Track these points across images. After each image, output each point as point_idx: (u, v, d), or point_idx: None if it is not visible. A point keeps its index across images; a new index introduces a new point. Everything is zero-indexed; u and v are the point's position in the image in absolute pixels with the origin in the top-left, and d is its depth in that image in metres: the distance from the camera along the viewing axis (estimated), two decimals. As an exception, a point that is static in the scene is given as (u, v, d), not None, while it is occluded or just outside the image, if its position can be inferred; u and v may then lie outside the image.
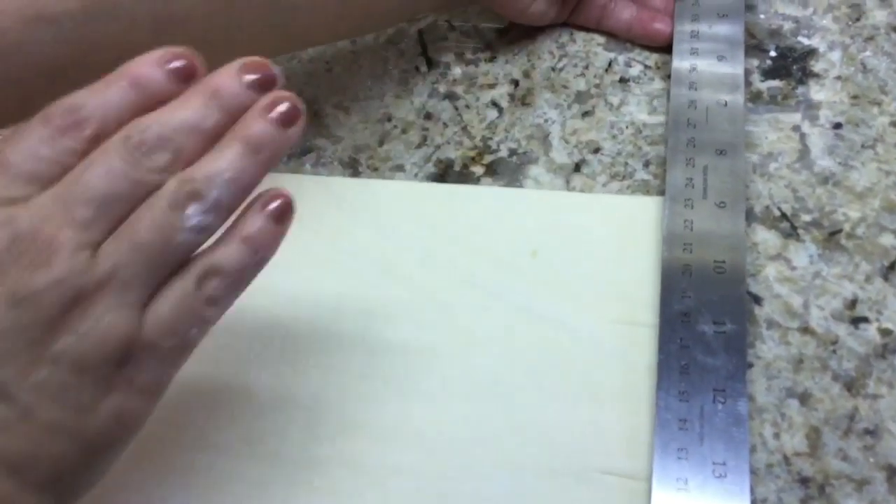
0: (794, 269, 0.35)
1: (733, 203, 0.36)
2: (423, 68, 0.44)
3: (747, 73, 0.41)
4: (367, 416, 0.33)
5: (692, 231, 0.35)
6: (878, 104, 0.40)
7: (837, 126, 0.39)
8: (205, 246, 0.25)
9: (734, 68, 0.40)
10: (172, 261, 0.24)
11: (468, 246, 0.37)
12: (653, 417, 0.32)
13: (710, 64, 0.40)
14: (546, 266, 0.37)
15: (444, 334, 0.35)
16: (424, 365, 0.34)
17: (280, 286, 0.37)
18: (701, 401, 0.31)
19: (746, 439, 0.30)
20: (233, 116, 0.24)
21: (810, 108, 0.40)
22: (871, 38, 0.42)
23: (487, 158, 0.40)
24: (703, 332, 0.33)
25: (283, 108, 0.24)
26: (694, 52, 0.41)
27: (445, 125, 0.42)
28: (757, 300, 0.35)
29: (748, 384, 0.32)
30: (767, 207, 0.37)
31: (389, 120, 0.42)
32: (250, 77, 0.24)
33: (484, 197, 0.39)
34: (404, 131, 0.42)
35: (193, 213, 0.23)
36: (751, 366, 0.33)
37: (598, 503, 0.31)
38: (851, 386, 0.32)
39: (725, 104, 0.39)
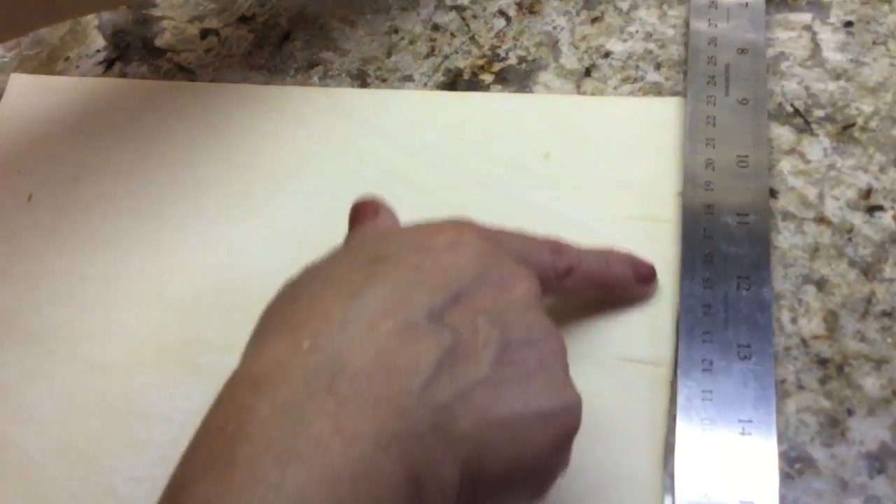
0: (808, 162, 0.35)
1: (755, 100, 0.36)
2: (429, -20, 0.44)
3: (756, -25, 0.41)
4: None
5: (715, 127, 0.35)
6: (889, 2, 0.39)
7: (848, 24, 0.39)
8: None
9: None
10: None
11: (480, 150, 0.37)
12: (674, 307, 0.32)
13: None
14: (559, 167, 0.36)
15: (460, 235, 0.35)
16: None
17: (292, 193, 0.37)
18: (725, 288, 0.31)
19: (771, 323, 0.31)
20: None
21: (821, 7, 0.40)
22: (880, -62, 0.41)
23: (496, 66, 0.40)
24: (727, 224, 0.33)
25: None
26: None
27: (453, 35, 0.41)
28: (772, 193, 0.35)
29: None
30: (780, 104, 0.37)
31: (396, 32, 0.42)
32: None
33: (494, 103, 0.39)
34: (412, 42, 0.42)
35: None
36: (767, 255, 0.33)
37: (620, 389, 0.31)
38: (868, 271, 0.33)
39: (747, 4, 0.39)
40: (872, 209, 0.34)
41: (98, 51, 0.43)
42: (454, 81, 0.40)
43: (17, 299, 0.35)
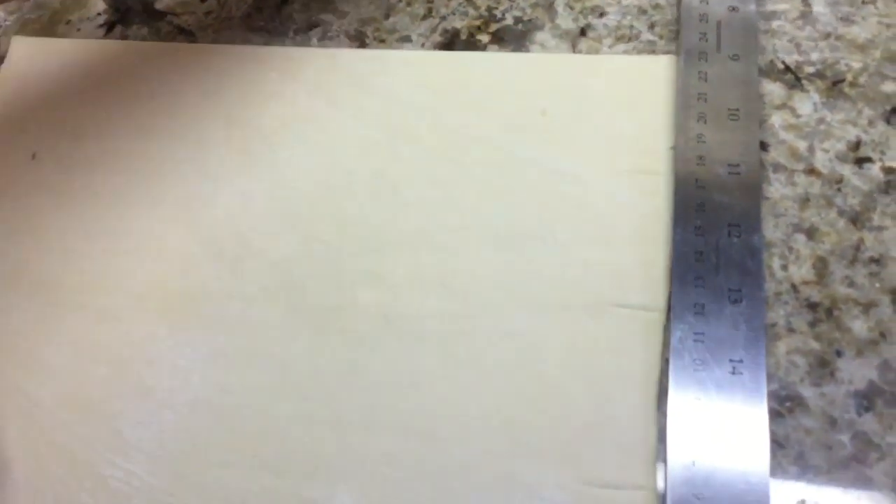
0: (798, 116, 0.36)
1: (746, 56, 0.36)
2: (426, -56, 0.44)
3: (748, -63, 0.41)
4: (383, 267, 0.34)
5: (706, 82, 0.36)
6: (879, -38, 0.40)
7: (838, -16, 0.40)
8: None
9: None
10: None
11: (477, 108, 0.38)
12: (666, 257, 0.33)
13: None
14: (556, 123, 0.37)
15: (458, 189, 0.36)
16: (439, 217, 0.35)
17: (292, 151, 0.37)
18: (716, 235, 0.32)
19: (761, 269, 0.31)
20: None
21: (811, -33, 0.40)
22: None
23: (493, 27, 0.41)
24: (718, 174, 0.34)
25: None
26: None
27: (450, -3, 0.42)
28: (763, 146, 0.35)
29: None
30: (771, 61, 0.38)
31: (394, -6, 0.43)
32: None
33: (491, 62, 0.39)
34: (409, 4, 0.42)
35: None
36: (759, 205, 0.34)
37: (614, 333, 0.32)
38: (857, 220, 0.33)
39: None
40: (861, 161, 0.35)
41: (99, 14, 0.44)
42: (451, 42, 0.40)
43: (22, 252, 0.36)
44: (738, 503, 0.27)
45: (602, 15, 0.40)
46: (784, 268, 0.33)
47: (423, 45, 0.41)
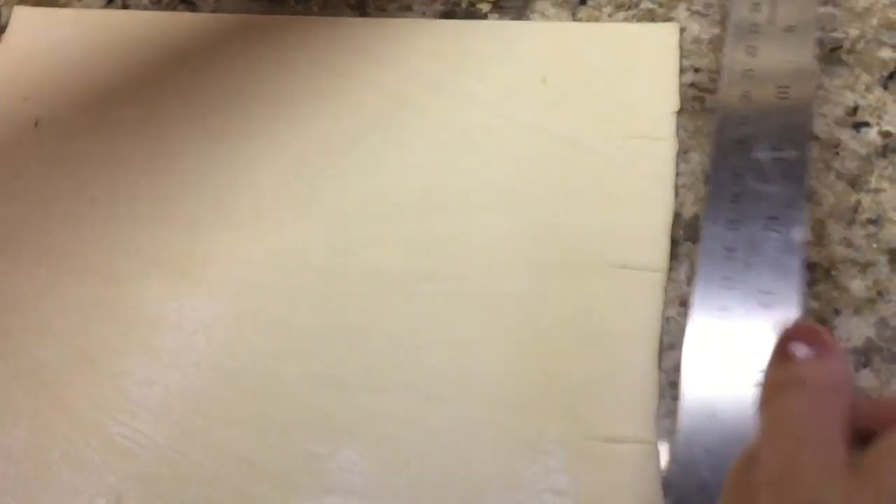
0: (797, 82, 0.36)
1: (803, 28, 0.35)
2: (426, -85, 0.44)
3: None
4: (386, 230, 0.34)
5: (755, 57, 0.35)
6: (876, -68, 0.40)
7: (836, -47, 0.40)
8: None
9: None
10: None
11: (478, 76, 0.38)
12: (668, 219, 0.33)
13: None
14: (556, 90, 0.37)
15: (459, 153, 0.36)
16: (441, 180, 0.35)
17: (293, 117, 0.38)
18: (751, 229, 0.30)
19: (797, 267, 0.29)
20: None
21: (810, -63, 0.41)
22: None
23: (493, -4, 0.41)
24: (759, 160, 0.32)
25: None
26: None
27: (450, -33, 0.42)
28: (762, 111, 0.36)
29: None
30: (770, 29, 0.38)
31: (394, -36, 0.43)
32: None
33: (492, 30, 0.40)
34: (410, -26, 0.42)
35: None
36: (758, 169, 0.34)
37: (614, 293, 0.32)
38: (854, 182, 0.34)
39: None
40: (859, 125, 0.35)
41: (99, -16, 0.44)
42: (452, 11, 0.41)
43: (28, 219, 0.36)
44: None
45: (602, -16, 0.41)
46: (783, 229, 0.33)
47: (424, 14, 0.41)
